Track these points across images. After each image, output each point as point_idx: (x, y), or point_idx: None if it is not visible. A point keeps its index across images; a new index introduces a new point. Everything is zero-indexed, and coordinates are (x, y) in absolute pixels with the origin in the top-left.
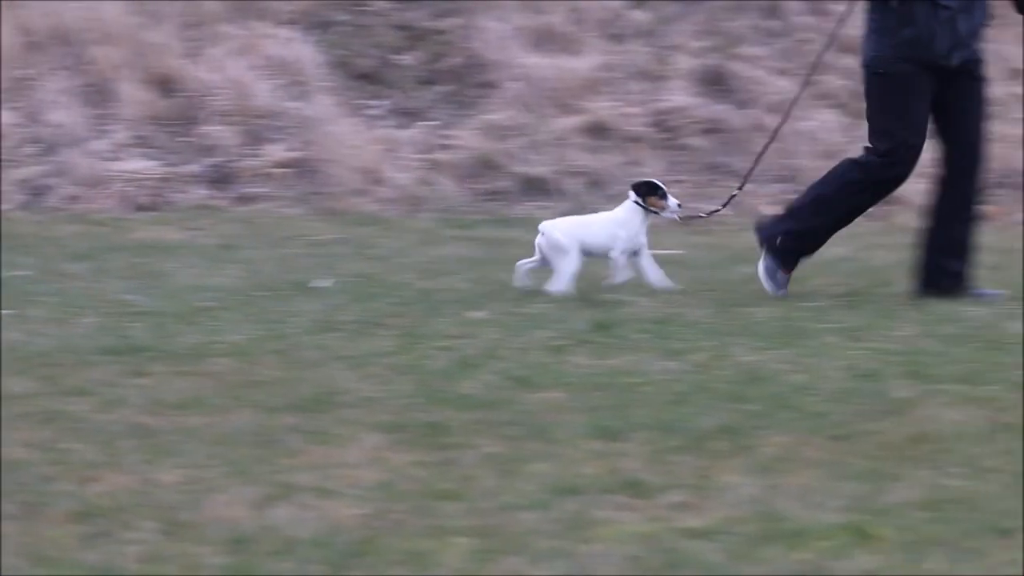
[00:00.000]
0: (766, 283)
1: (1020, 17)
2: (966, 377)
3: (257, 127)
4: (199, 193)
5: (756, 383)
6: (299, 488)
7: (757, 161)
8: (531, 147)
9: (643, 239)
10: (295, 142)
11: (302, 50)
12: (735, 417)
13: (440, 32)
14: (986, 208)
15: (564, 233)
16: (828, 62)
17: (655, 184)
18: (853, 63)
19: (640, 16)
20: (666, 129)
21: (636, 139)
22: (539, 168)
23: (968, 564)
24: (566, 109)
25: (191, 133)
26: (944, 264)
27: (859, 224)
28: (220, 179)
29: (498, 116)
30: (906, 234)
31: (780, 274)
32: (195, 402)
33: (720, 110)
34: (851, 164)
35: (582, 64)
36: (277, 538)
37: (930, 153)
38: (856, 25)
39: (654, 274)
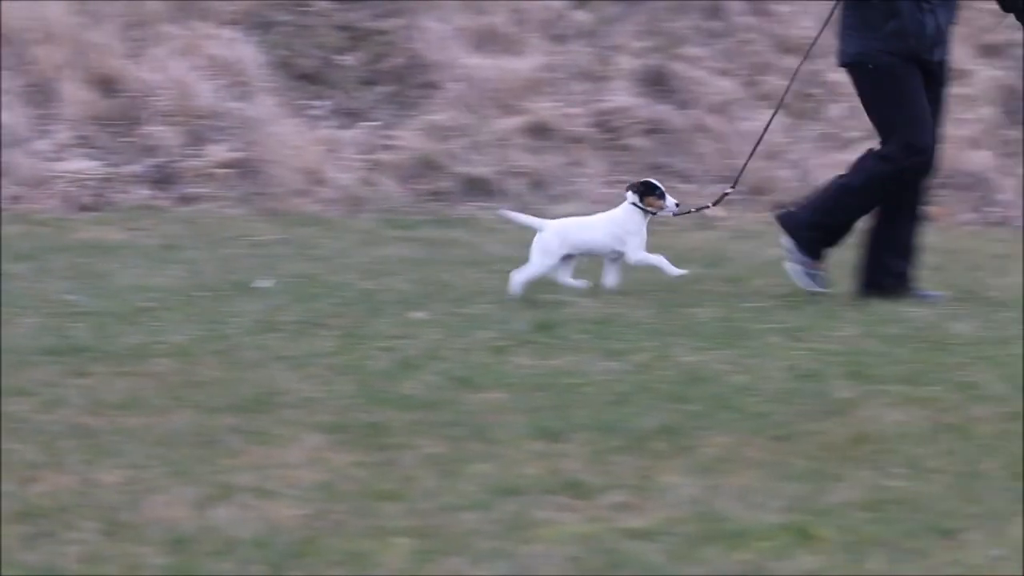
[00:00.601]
0: (804, 284)
1: (963, 15)
2: (908, 378)
3: (199, 127)
4: (141, 193)
5: (697, 383)
6: (239, 488)
7: (747, 161)
8: (473, 148)
9: (644, 236)
10: (237, 142)
11: (244, 50)
12: (676, 417)
13: (382, 33)
14: (930, 209)
15: (556, 235)
16: (770, 63)
17: (653, 184)
18: (794, 64)
19: (582, 17)
20: (608, 129)
21: (578, 139)
22: (481, 169)
23: (910, 564)
24: (508, 110)
25: (133, 133)
26: (888, 264)
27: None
28: (162, 179)
29: (440, 117)
30: (849, 235)
31: (814, 269)
32: (136, 402)
33: (662, 110)
34: (876, 157)
35: (524, 65)
36: (217, 538)
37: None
38: (800, 26)
39: (612, 277)
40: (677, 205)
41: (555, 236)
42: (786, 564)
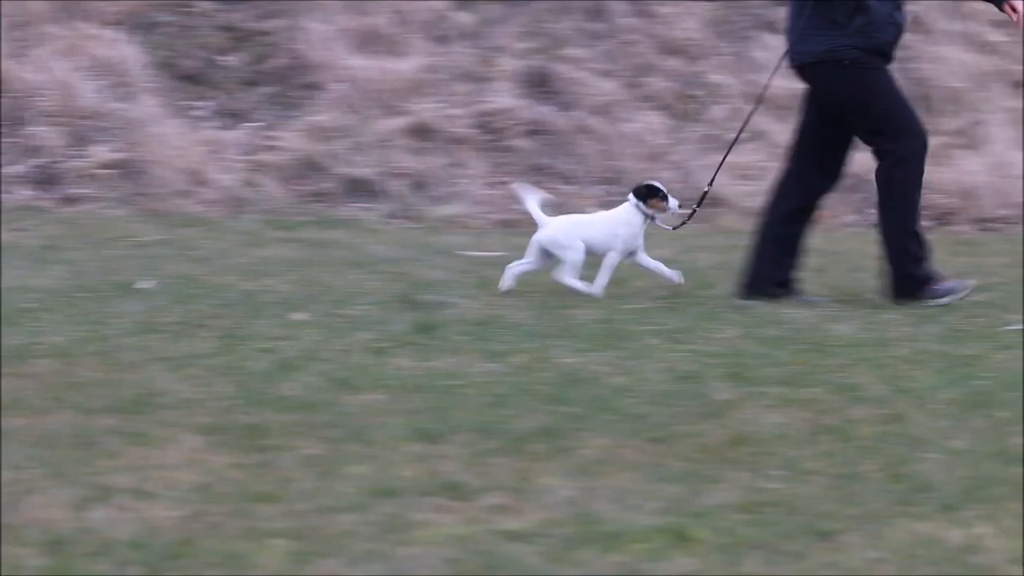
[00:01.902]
0: (952, 298)
1: None
2: (787, 379)
3: (82, 128)
4: (24, 194)
5: (576, 385)
6: (117, 490)
7: (723, 160)
8: (355, 148)
9: (640, 240)
10: (120, 143)
11: (127, 51)
12: (555, 419)
13: (265, 33)
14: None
15: (561, 229)
16: (653, 64)
17: (655, 187)
18: (678, 65)
19: (465, 18)
20: (490, 131)
21: (460, 140)
22: (363, 169)
23: (786, 566)
24: (390, 110)
25: (16, 134)
26: (773, 268)
27: (685, 226)
28: (45, 180)
29: (322, 117)
30: (729, 236)
31: (942, 284)
32: (15, 403)
33: (544, 112)
34: (883, 168)
35: (406, 66)
36: (94, 540)
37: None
38: (683, 28)
39: (658, 268)
40: (680, 206)
41: (562, 231)
42: (662, 566)
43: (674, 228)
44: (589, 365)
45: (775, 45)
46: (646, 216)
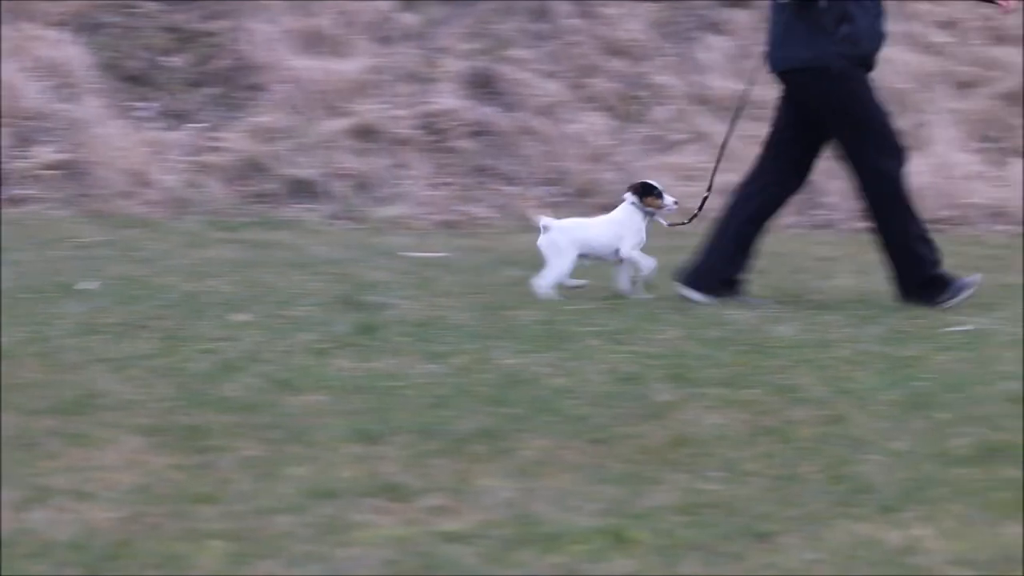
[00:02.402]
0: (968, 293)
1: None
2: (728, 381)
3: (26, 129)
4: None
5: (517, 386)
6: (57, 491)
7: (716, 168)
8: (299, 149)
9: (645, 236)
10: (64, 144)
11: (71, 52)
12: (495, 420)
13: (209, 34)
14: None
15: (563, 233)
16: (597, 65)
17: (651, 184)
18: (622, 66)
19: (409, 19)
20: (434, 132)
21: (404, 141)
22: (307, 170)
23: (724, 567)
24: (334, 111)
25: None
26: (728, 265)
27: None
28: None
29: (266, 118)
30: (671, 237)
31: (961, 282)
32: None
33: (488, 113)
34: (865, 183)
35: (350, 66)
36: (34, 541)
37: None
38: (626, 29)
39: (624, 281)
40: (676, 203)
41: (562, 235)
42: (600, 567)
43: (670, 226)
44: (530, 366)
45: (719, 46)
46: (646, 213)
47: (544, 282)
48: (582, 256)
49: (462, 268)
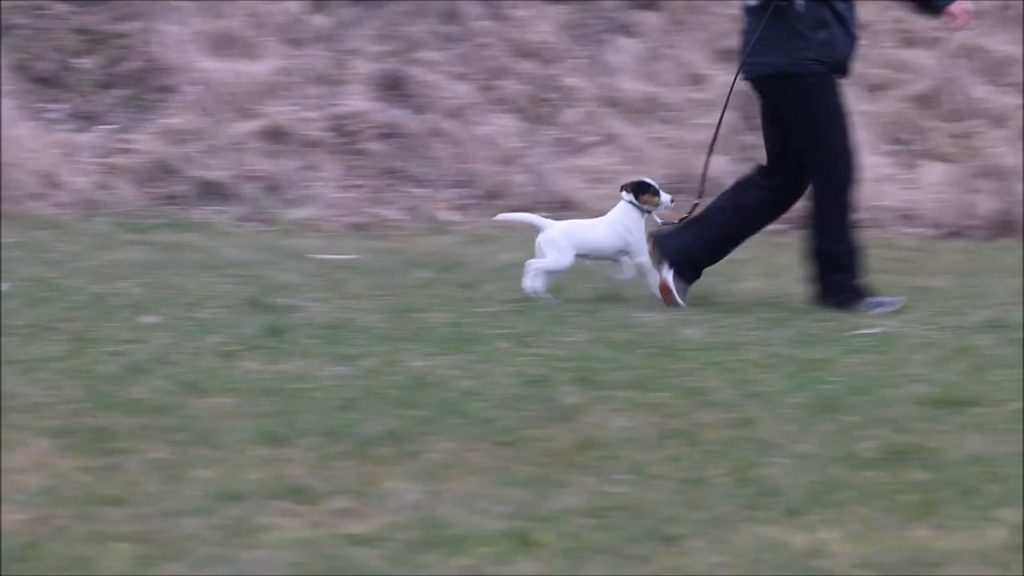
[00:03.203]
0: (887, 308)
1: (700, 19)
2: (636, 383)
3: None
4: None
5: (425, 389)
6: None
7: (705, 171)
8: (209, 151)
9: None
10: None
11: None
12: (403, 423)
13: (120, 36)
14: (665, 214)
15: (563, 235)
16: (507, 67)
17: (647, 183)
18: (532, 68)
19: (319, 20)
20: (344, 134)
21: (314, 143)
22: (217, 172)
23: (630, 570)
24: (244, 113)
25: None
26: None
27: (534, 231)
28: None
29: (176, 120)
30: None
31: (877, 298)
32: None
33: (398, 115)
34: (813, 187)
35: (261, 68)
36: None
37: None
38: (537, 31)
39: (619, 273)
40: (672, 200)
41: (563, 236)
42: (506, 570)
43: (663, 224)
44: (438, 369)
45: (629, 48)
46: (643, 211)
47: (539, 265)
48: (581, 257)
49: (372, 270)
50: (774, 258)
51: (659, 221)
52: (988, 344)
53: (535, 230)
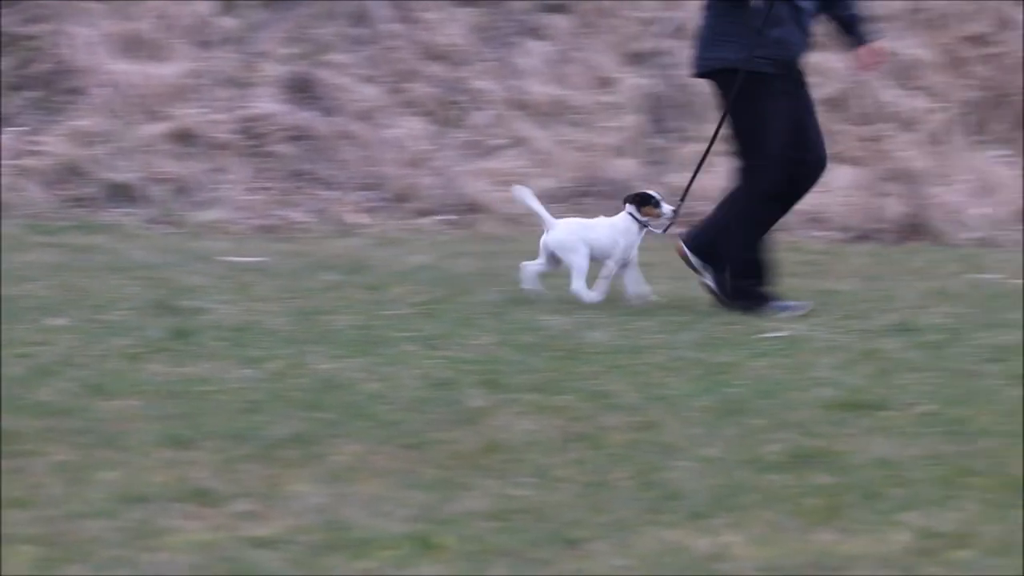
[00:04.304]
0: (793, 312)
1: (610, 23)
2: (541, 386)
3: None
4: None
5: (331, 391)
6: None
7: (693, 178)
8: (118, 153)
9: (635, 251)
10: None
11: None
12: (308, 426)
13: (30, 38)
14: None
15: (572, 232)
16: (416, 70)
17: (648, 194)
18: (441, 71)
19: (228, 23)
20: (252, 136)
21: (222, 146)
22: (126, 174)
23: (533, 574)
24: (153, 115)
25: None
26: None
27: (442, 232)
28: None
29: (86, 122)
30: (488, 243)
31: (783, 303)
32: None
33: (307, 117)
34: (738, 186)
35: (169, 70)
36: None
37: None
38: (446, 34)
39: (635, 285)
40: (675, 211)
41: (572, 234)
42: (408, 572)
43: (664, 231)
44: (344, 371)
45: (538, 51)
46: (641, 224)
47: (577, 285)
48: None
49: (279, 273)
50: (680, 261)
51: (658, 232)
52: (895, 347)
53: (541, 226)
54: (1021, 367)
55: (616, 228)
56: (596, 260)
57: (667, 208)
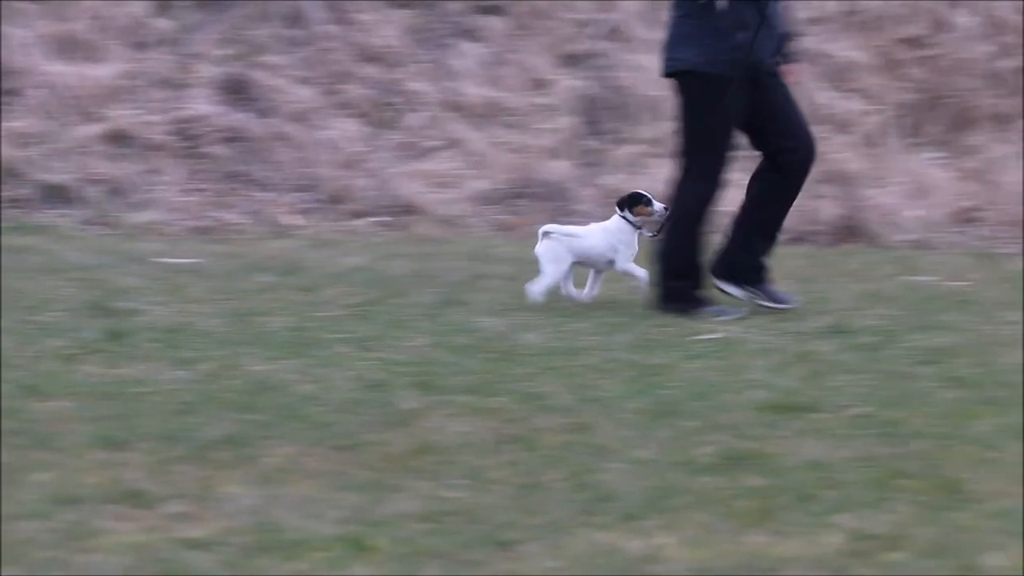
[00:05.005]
0: (727, 319)
1: (545, 25)
2: (475, 388)
3: None
4: None
5: (265, 393)
6: None
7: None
8: (53, 155)
9: (637, 248)
10: None
11: None
12: (241, 427)
13: None
14: (508, 219)
15: (561, 242)
16: (351, 71)
17: (639, 194)
18: (375, 72)
19: (163, 24)
20: (187, 137)
21: (158, 147)
22: (60, 176)
23: (466, 575)
24: (88, 117)
25: None
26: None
27: (377, 233)
28: None
29: (20, 123)
30: (423, 244)
31: (720, 309)
32: None
33: (241, 118)
34: (681, 186)
35: (104, 72)
36: None
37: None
38: (381, 35)
39: (595, 289)
40: (666, 209)
41: (560, 244)
42: (340, 574)
43: (652, 236)
44: (278, 373)
45: (473, 53)
46: (635, 226)
47: (538, 288)
48: (577, 264)
49: (213, 274)
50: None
51: (649, 235)
52: (829, 350)
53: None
54: (955, 369)
55: (608, 231)
56: (591, 267)
57: (659, 206)
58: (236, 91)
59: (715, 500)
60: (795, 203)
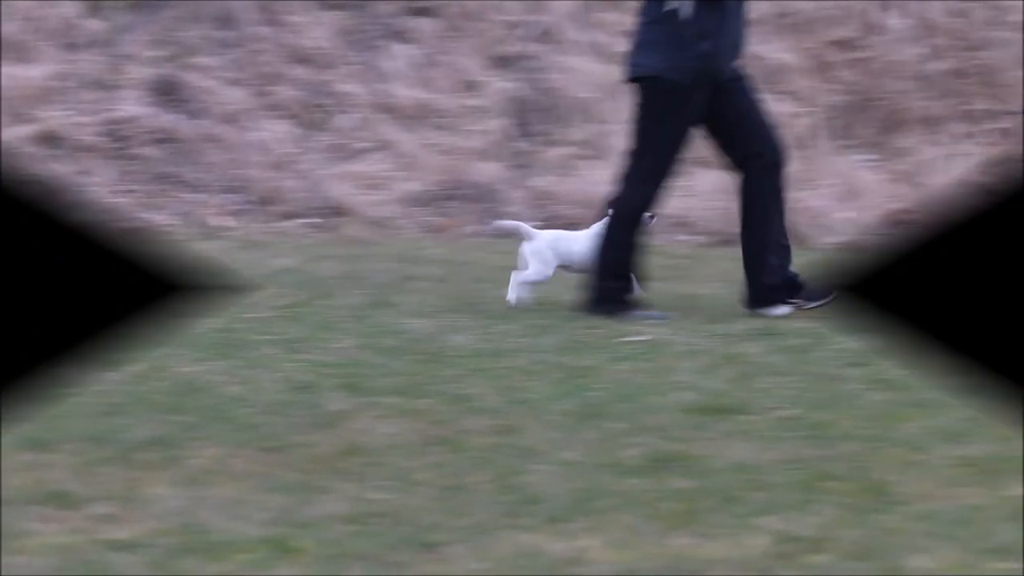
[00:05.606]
0: (655, 320)
1: (477, 26)
2: (402, 390)
3: None
4: None
5: (192, 394)
6: None
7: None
8: None
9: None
10: None
11: None
12: (168, 429)
13: None
14: (438, 221)
15: (548, 246)
16: (282, 73)
17: None
18: (306, 74)
19: (95, 25)
20: (118, 139)
21: (88, 149)
22: None
23: None
24: (19, 118)
25: None
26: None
27: (306, 235)
28: None
29: None
30: (353, 246)
31: (644, 313)
32: None
33: (172, 120)
34: (621, 193)
35: (35, 73)
36: None
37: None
38: (312, 37)
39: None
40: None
41: (548, 247)
42: (265, 575)
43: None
44: (205, 374)
45: (404, 54)
46: None
47: (521, 278)
48: (563, 267)
49: None
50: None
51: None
52: (757, 352)
53: (524, 238)
54: (883, 372)
55: (598, 235)
56: (578, 271)
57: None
58: (167, 92)
59: (641, 502)
60: (788, 202)
